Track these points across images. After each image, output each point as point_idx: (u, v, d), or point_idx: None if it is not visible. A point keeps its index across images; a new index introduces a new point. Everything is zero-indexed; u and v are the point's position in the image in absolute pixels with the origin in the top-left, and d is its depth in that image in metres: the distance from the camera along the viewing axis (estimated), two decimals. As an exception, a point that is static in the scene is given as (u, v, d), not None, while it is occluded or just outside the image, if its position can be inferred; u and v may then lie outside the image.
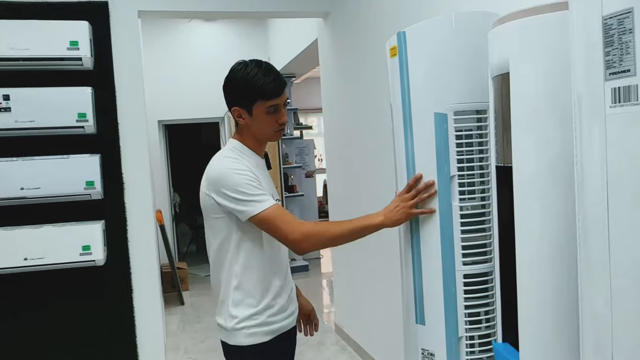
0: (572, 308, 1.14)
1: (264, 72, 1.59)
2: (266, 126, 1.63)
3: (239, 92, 1.61)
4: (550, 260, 1.15)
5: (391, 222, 1.54)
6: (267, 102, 1.59)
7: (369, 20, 3.21)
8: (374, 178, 3.26)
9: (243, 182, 1.54)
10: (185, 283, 5.81)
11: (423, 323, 1.58)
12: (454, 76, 1.49)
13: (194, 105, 6.34)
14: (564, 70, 1.11)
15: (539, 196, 1.15)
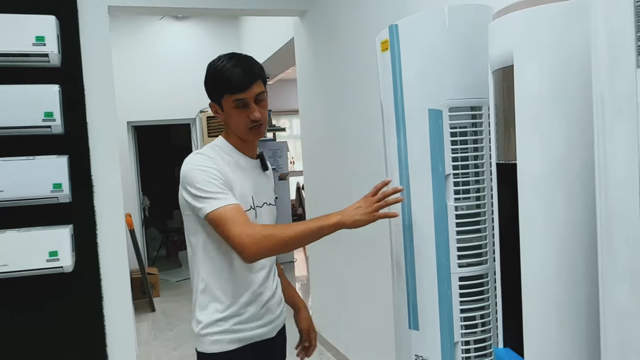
0: (580, 310, 1.09)
1: (234, 64, 1.52)
2: (237, 122, 1.54)
3: (209, 86, 1.57)
4: (558, 260, 1.10)
5: (350, 222, 1.39)
6: (232, 95, 1.51)
7: (348, 19, 3.15)
8: (354, 179, 3.20)
9: (202, 179, 1.46)
10: (155, 289, 5.64)
11: (417, 328, 1.52)
12: (448, 71, 1.44)
13: (164, 106, 6.18)
14: (571, 62, 1.06)
15: (546, 194, 1.10)
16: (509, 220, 1.25)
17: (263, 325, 1.61)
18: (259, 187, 1.62)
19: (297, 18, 3.86)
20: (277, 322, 1.67)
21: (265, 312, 1.62)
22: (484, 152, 1.47)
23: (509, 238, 1.25)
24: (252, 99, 1.52)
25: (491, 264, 1.50)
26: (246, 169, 1.60)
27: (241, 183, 1.55)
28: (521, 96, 1.12)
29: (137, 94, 6.03)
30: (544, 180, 1.10)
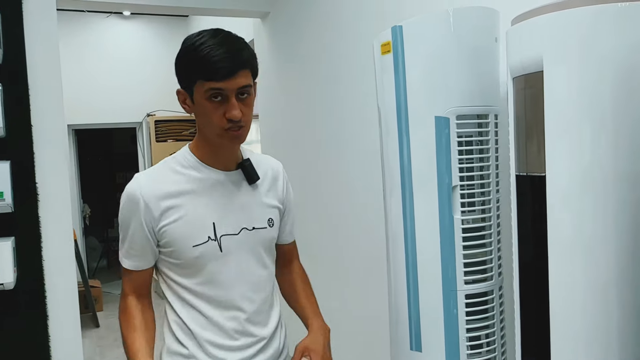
0: (610, 332, 1.03)
1: (217, 42, 1.17)
2: (209, 119, 1.20)
3: (180, 66, 1.23)
4: (588, 275, 1.04)
5: None
6: (207, 83, 1.17)
7: (311, 21, 3.05)
8: (317, 185, 3.09)
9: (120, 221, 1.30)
10: (99, 303, 5.31)
11: (419, 350, 1.43)
12: (455, 76, 1.36)
13: (108, 109, 5.86)
14: (603, 67, 1.01)
15: (579, 207, 1.03)
16: (530, 235, 1.18)
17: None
18: (234, 209, 1.30)
19: (259, 20, 3.73)
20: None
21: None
22: (490, 163, 1.41)
23: (530, 254, 1.19)
24: (233, 91, 1.18)
25: (496, 280, 1.43)
26: (213, 188, 1.29)
27: (196, 206, 1.25)
28: (552, 104, 1.05)
29: (79, 95, 5.68)
30: (576, 193, 1.03)
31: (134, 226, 1.25)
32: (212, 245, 1.27)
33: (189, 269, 1.27)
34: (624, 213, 1.01)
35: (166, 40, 6.12)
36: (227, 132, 1.22)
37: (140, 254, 1.28)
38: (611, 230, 1.02)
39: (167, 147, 5.80)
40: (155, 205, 1.23)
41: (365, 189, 2.55)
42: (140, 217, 1.23)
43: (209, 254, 1.26)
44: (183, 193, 1.26)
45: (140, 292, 1.33)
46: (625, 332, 1.03)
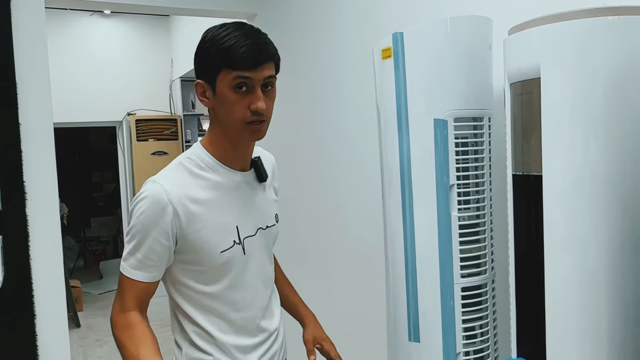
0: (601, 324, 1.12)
1: (244, 34, 1.15)
2: (232, 111, 1.15)
3: (201, 55, 1.18)
4: (581, 269, 1.12)
5: None
6: (233, 72, 1.13)
7: (299, 23, 3.11)
8: (307, 185, 3.15)
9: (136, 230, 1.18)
10: (79, 303, 5.27)
11: (418, 340, 1.50)
12: (453, 81, 1.44)
13: (87, 108, 5.81)
14: (597, 75, 1.09)
15: (572, 205, 1.12)
16: (525, 231, 1.26)
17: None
18: (252, 210, 1.30)
19: (245, 20, 3.76)
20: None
21: None
22: (484, 163, 1.49)
23: (525, 248, 1.27)
24: (259, 82, 1.16)
25: (490, 274, 1.51)
26: (233, 190, 1.27)
27: (217, 214, 1.22)
28: (548, 108, 1.13)
29: (58, 93, 5.60)
30: (570, 192, 1.12)
31: (156, 233, 1.15)
32: (237, 249, 1.25)
33: (213, 274, 1.23)
34: (614, 211, 1.10)
35: (147, 39, 6.10)
36: (248, 125, 1.18)
37: (157, 264, 1.19)
38: (602, 227, 1.10)
39: (147, 146, 5.79)
40: (183, 210, 1.17)
41: (357, 187, 2.62)
42: (167, 224, 1.15)
43: (234, 258, 1.24)
44: (207, 198, 1.21)
45: (142, 307, 1.22)
46: (613, 322, 1.11)
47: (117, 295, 1.23)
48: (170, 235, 1.17)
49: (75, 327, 4.81)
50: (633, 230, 1.10)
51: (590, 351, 1.12)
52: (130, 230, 1.20)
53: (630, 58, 1.08)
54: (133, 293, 1.20)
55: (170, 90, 6.17)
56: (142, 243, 1.17)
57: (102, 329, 4.78)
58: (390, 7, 2.29)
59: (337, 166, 2.79)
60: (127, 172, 6.14)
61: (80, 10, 5.59)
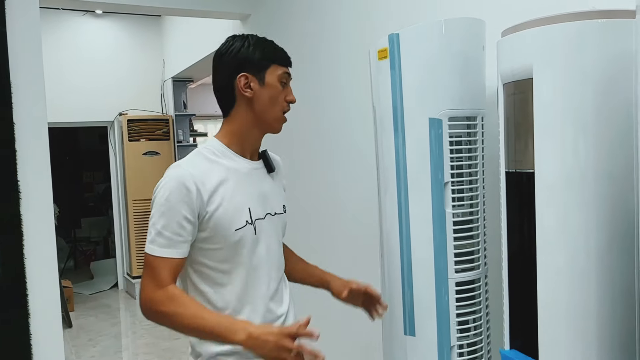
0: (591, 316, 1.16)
1: (271, 41, 1.43)
2: (276, 102, 1.38)
3: (250, 53, 1.36)
4: (572, 263, 1.16)
5: (248, 347, 1.22)
6: (281, 67, 1.38)
7: (293, 24, 3.14)
8: (302, 185, 3.18)
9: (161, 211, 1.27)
10: (70, 303, 5.25)
11: (413, 334, 1.54)
12: (447, 81, 1.48)
13: (79, 108, 5.78)
14: (587, 76, 1.13)
15: (563, 201, 1.16)
16: (519, 228, 1.31)
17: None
18: (261, 195, 1.40)
19: (238, 22, 3.79)
20: None
21: None
22: (478, 161, 1.53)
23: (517, 243, 1.31)
24: (290, 79, 1.43)
25: (483, 269, 1.55)
26: (245, 176, 1.38)
27: (235, 193, 1.34)
28: (540, 108, 1.17)
29: (50, 93, 5.57)
30: (561, 189, 1.16)
31: (184, 211, 1.26)
32: (249, 229, 1.34)
33: (228, 252, 1.32)
34: (603, 208, 1.14)
35: (139, 39, 6.09)
36: (282, 116, 1.41)
37: (186, 240, 1.28)
38: (592, 223, 1.15)
39: (139, 147, 5.78)
40: (204, 190, 1.28)
41: (353, 184, 2.65)
42: (193, 202, 1.27)
43: (246, 237, 1.34)
44: (222, 180, 1.33)
45: (174, 282, 1.30)
46: (602, 314, 1.16)
47: (148, 278, 1.27)
48: (195, 212, 1.28)
49: (67, 327, 4.80)
50: (621, 226, 1.14)
51: (580, 343, 1.16)
52: (156, 212, 1.28)
53: (618, 59, 1.12)
54: (166, 271, 1.27)
55: (162, 91, 6.17)
56: (171, 222, 1.26)
57: (94, 329, 4.78)
58: (386, 8, 2.33)
59: (333, 165, 2.82)
60: (118, 172, 6.13)
61: (72, 10, 5.58)
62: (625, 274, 1.15)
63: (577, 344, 1.17)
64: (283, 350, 1.18)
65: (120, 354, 4.22)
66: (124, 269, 6.24)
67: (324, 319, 1.53)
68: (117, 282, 6.34)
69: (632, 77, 1.05)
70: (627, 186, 1.13)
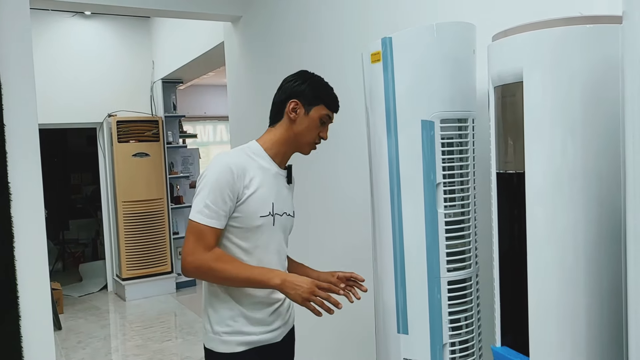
0: (579, 313, 1.19)
1: (332, 88, 1.70)
2: (311, 132, 1.65)
3: (315, 88, 1.65)
4: (561, 261, 1.19)
5: (285, 293, 1.51)
6: (327, 110, 1.66)
7: (284, 26, 3.16)
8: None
9: (212, 186, 1.53)
10: (60, 305, 5.22)
11: (406, 332, 1.56)
12: (439, 84, 1.51)
13: (67, 109, 5.75)
14: (574, 79, 1.17)
15: (553, 201, 1.19)
16: (508, 226, 1.34)
17: (271, 330, 1.66)
18: (281, 196, 1.66)
19: (229, 24, 3.80)
20: (285, 327, 1.72)
21: (275, 318, 1.67)
22: (469, 162, 1.56)
23: (508, 243, 1.34)
24: (330, 122, 1.70)
25: (474, 268, 1.58)
26: (273, 176, 1.65)
27: (265, 188, 1.60)
28: (530, 110, 1.20)
29: (39, 94, 5.53)
30: (551, 189, 1.19)
31: (229, 191, 1.52)
32: (269, 220, 1.61)
33: (250, 233, 1.58)
34: (591, 206, 1.18)
35: (128, 40, 6.08)
36: (312, 144, 1.69)
37: (226, 215, 1.54)
38: (580, 222, 1.18)
39: (129, 148, 5.76)
40: (243, 177, 1.55)
41: (346, 186, 2.68)
42: (235, 186, 1.53)
43: (266, 225, 1.60)
44: (256, 175, 1.59)
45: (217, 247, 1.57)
46: (591, 312, 1.19)
47: (195, 242, 1.53)
48: (235, 194, 1.55)
49: (56, 330, 4.77)
50: (609, 225, 1.18)
51: (570, 339, 1.20)
52: (205, 188, 1.54)
53: (604, 63, 1.16)
54: (211, 236, 1.53)
55: (151, 92, 6.16)
56: (217, 198, 1.52)
57: (83, 331, 4.75)
58: (378, 12, 2.36)
59: (326, 166, 2.84)
60: (107, 173, 6.10)
61: (61, 12, 5.55)
62: (612, 273, 1.18)
63: (566, 340, 1.20)
64: (312, 295, 1.47)
65: (110, 356, 4.21)
66: (113, 270, 6.21)
67: (317, 317, 1.55)
68: (106, 284, 6.31)
69: (618, 81, 1.09)
70: (614, 186, 1.17)
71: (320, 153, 2.97)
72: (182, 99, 7.00)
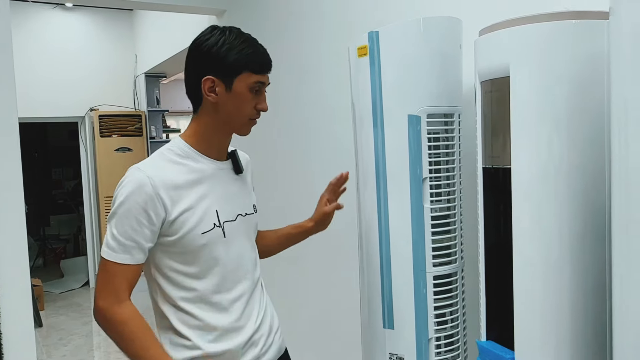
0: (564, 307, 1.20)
1: (255, 42, 1.33)
2: (243, 109, 1.30)
3: (220, 56, 1.27)
4: (546, 255, 1.20)
5: None
6: (254, 75, 1.29)
7: (269, 20, 3.14)
8: (277, 179, 3.19)
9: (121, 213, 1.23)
10: (40, 302, 5.15)
11: (392, 327, 1.56)
12: (425, 79, 1.50)
13: (49, 103, 5.67)
14: (561, 74, 1.17)
15: (539, 196, 1.20)
16: (494, 221, 1.34)
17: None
18: (229, 197, 1.37)
19: (214, 17, 3.77)
20: (267, 356, 1.42)
21: (249, 348, 1.37)
22: (455, 157, 1.56)
23: (494, 238, 1.35)
24: (265, 86, 1.35)
25: (460, 263, 1.59)
26: (211, 177, 1.34)
27: (201, 196, 1.30)
28: (517, 105, 1.21)
29: (19, 87, 5.44)
30: (536, 184, 1.19)
31: (140, 217, 1.22)
32: (217, 232, 1.31)
33: (194, 255, 1.28)
34: (576, 201, 1.18)
35: (111, 33, 5.99)
36: (250, 121, 1.35)
37: (141, 247, 1.24)
38: (565, 217, 1.19)
39: (111, 142, 5.70)
40: (166, 195, 1.24)
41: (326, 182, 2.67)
42: (150, 208, 1.22)
43: (214, 240, 1.30)
44: (187, 183, 1.29)
45: (130, 291, 1.27)
46: (575, 305, 1.20)
47: (104, 284, 1.24)
48: (154, 218, 1.23)
49: (37, 327, 4.71)
50: (594, 220, 1.19)
51: (554, 333, 1.20)
52: (112, 216, 1.25)
53: (591, 58, 1.16)
54: (123, 278, 1.24)
55: (134, 86, 6.09)
56: (125, 227, 1.22)
57: (65, 328, 4.70)
58: (365, 6, 2.35)
59: (312, 161, 2.83)
60: (89, 168, 6.03)
61: (41, 3, 5.46)
62: (597, 268, 1.19)
63: (551, 334, 1.21)
64: None
65: (92, 353, 4.17)
66: (95, 266, 6.14)
67: (303, 313, 1.54)
68: (88, 280, 6.24)
69: (604, 77, 1.10)
70: (599, 181, 1.18)
71: (306, 147, 2.97)
72: (165, 94, 6.92)
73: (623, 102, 0.94)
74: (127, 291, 1.24)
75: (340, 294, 2.61)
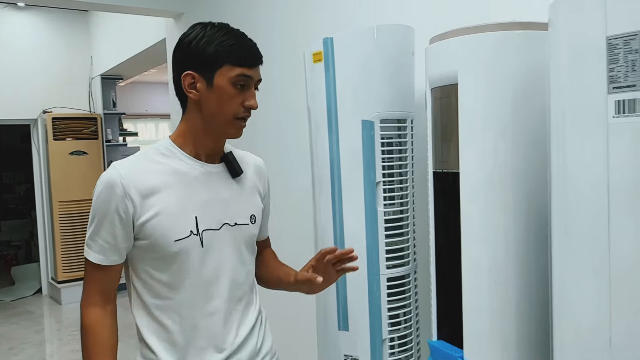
0: (509, 302, 1.25)
1: (240, 35, 1.22)
2: (227, 105, 1.18)
3: (200, 49, 1.17)
4: (493, 256, 1.24)
5: None
6: (236, 68, 1.17)
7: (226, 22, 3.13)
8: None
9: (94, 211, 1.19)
10: (-11, 311, 4.97)
11: (347, 329, 1.59)
12: (379, 85, 1.54)
13: (-3, 104, 5.48)
14: (507, 82, 1.22)
15: (485, 198, 1.24)
16: (444, 224, 1.38)
17: None
18: (216, 202, 1.23)
19: (172, 19, 3.73)
20: None
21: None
22: (408, 162, 1.60)
23: (444, 240, 1.39)
24: (254, 81, 1.22)
25: (412, 265, 1.62)
26: (194, 180, 1.22)
27: (172, 202, 1.18)
28: (464, 112, 1.25)
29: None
30: (483, 188, 1.24)
31: (111, 216, 1.16)
32: (193, 240, 1.19)
33: (168, 263, 1.20)
34: (520, 204, 1.23)
35: (65, 34, 5.84)
36: (237, 120, 1.21)
37: (115, 247, 1.18)
38: (510, 220, 1.23)
39: (65, 146, 5.55)
40: (136, 195, 1.16)
41: (287, 183, 2.68)
42: (120, 207, 1.15)
43: (190, 249, 1.19)
44: (165, 185, 1.19)
45: (108, 294, 1.21)
46: (520, 304, 1.25)
47: (84, 283, 1.23)
48: (125, 218, 1.17)
49: (-15, 337, 4.55)
50: (536, 222, 1.24)
51: (500, 331, 1.25)
52: (90, 215, 1.21)
53: (534, 67, 1.22)
54: (97, 279, 1.21)
55: (89, 88, 5.95)
56: (100, 226, 1.18)
57: (15, 337, 4.54)
58: (320, 11, 2.38)
59: (268, 164, 2.83)
60: (42, 172, 5.85)
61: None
62: (540, 267, 1.24)
63: (497, 333, 1.25)
64: None
65: (44, 363, 4.05)
66: (48, 273, 5.95)
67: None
68: (40, 288, 6.05)
69: (546, 85, 1.15)
70: (541, 185, 1.23)
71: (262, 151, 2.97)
72: (122, 96, 6.79)
73: (561, 111, 0.98)
74: (98, 294, 1.20)
75: (296, 296, 2.62)
